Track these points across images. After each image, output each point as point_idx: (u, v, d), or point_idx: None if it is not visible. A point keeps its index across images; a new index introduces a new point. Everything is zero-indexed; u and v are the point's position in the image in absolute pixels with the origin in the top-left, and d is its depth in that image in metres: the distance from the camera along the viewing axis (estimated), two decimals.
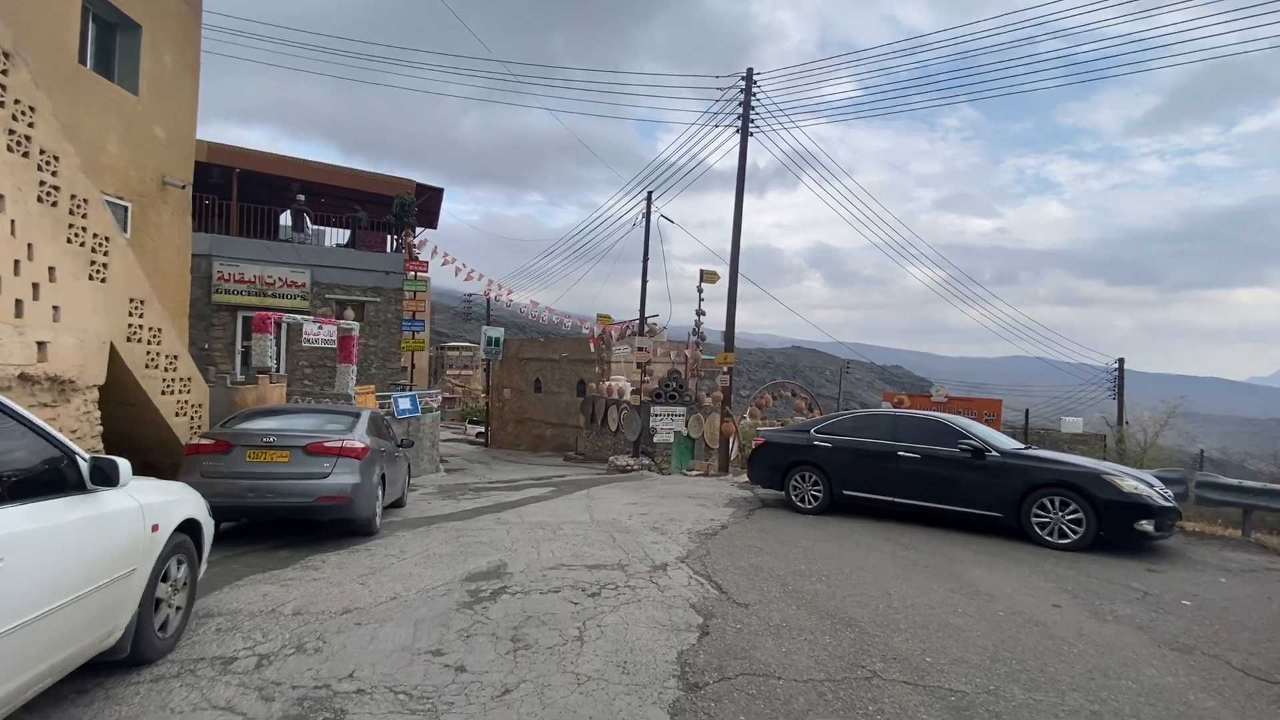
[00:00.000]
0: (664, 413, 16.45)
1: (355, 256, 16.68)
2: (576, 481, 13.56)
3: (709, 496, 10.53)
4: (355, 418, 7.35)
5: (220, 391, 10.07)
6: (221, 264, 15.39)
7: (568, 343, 26.43)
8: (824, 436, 8.87)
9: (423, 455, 15.13)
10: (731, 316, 14.22)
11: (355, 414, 7.48)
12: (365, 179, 16.87)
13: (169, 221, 8.99)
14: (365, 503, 6.61)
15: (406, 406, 14.63)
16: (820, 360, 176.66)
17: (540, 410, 27.79)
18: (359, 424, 7.14)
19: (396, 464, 8.53)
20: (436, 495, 11.40)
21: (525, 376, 28.85)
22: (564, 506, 9.46)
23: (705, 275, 17.07)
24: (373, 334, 16.77)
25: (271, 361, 11.87)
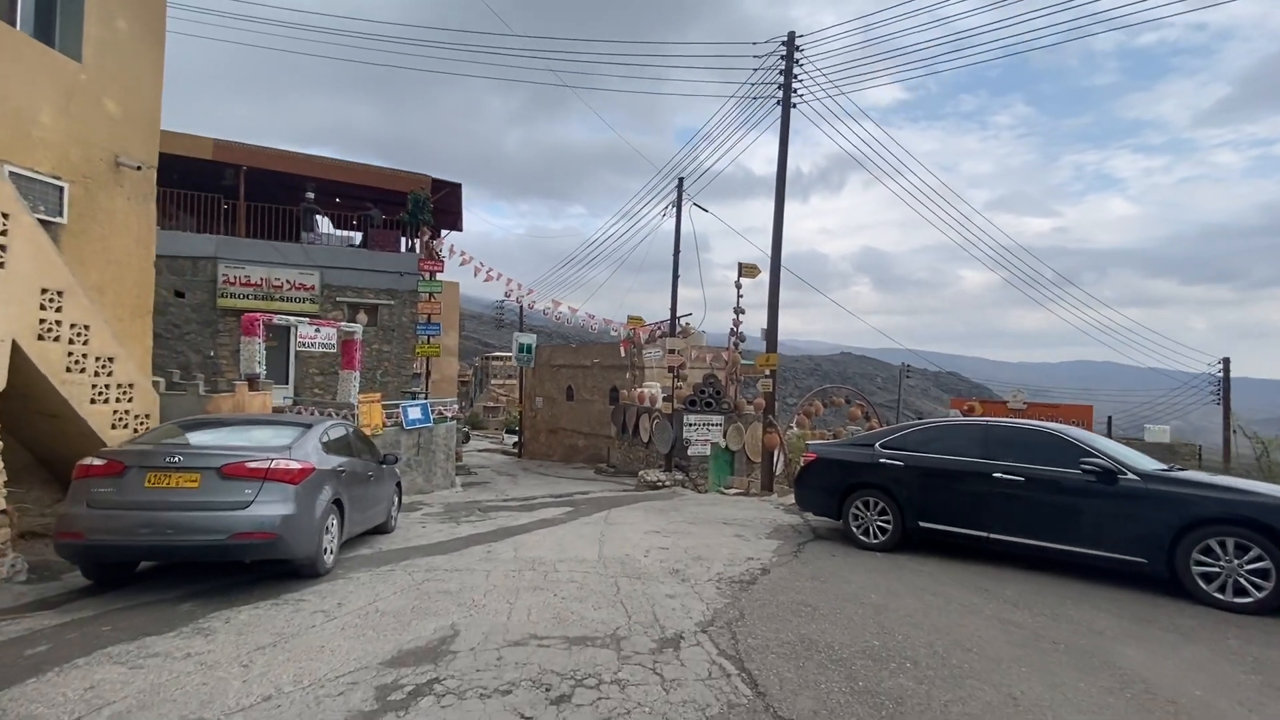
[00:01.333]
0: (699, 422, 14.76)
1: (367, 257, 15.68)
2: (599, 501, 12.01)
3: (748, 523, 8.79)
4: (305, 429, 5.99)
5: (189, 401, 8.96)
6: (227, 267, 14.58)
7: (599, 348, 25.03)
8: (893, 452, 7.05)
9: (436, 469, 13.89)
10: (774, 310, 12.47)
11: (306, 425, 6.13)
12: (378, 175, 15.90)
13: (125, 208, 7.95)
14: (303, 538, 5.21)
15: (416, 416, 13.41)
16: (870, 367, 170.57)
17: (572, 419, 26.45)
18: (306, 438, 5.77)
19: (373, 484, 7.17)
20: (438, 517, 10.04)
21: (557, 384, 27.60)
22: (572, 536, 7.91)
23: (744, 269, 15.35)
24: (386, 339, 15.70)
25: (260, 368, 10.79)
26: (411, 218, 15.69)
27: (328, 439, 6.22)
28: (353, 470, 6.54)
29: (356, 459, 6.84)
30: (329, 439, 6.26)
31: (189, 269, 14.33)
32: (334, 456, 6.15)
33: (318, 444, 5.91)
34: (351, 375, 12.58)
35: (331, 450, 6.22)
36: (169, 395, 8.99)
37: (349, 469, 6.43)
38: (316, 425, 6.19)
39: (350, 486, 6.37)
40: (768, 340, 12.29)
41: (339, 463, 6.17)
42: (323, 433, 6.14)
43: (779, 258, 12.31)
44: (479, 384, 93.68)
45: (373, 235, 15.82)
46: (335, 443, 6.40)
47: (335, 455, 6.23)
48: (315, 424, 6.23)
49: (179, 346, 14.37)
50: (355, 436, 7.27)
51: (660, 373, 18.63)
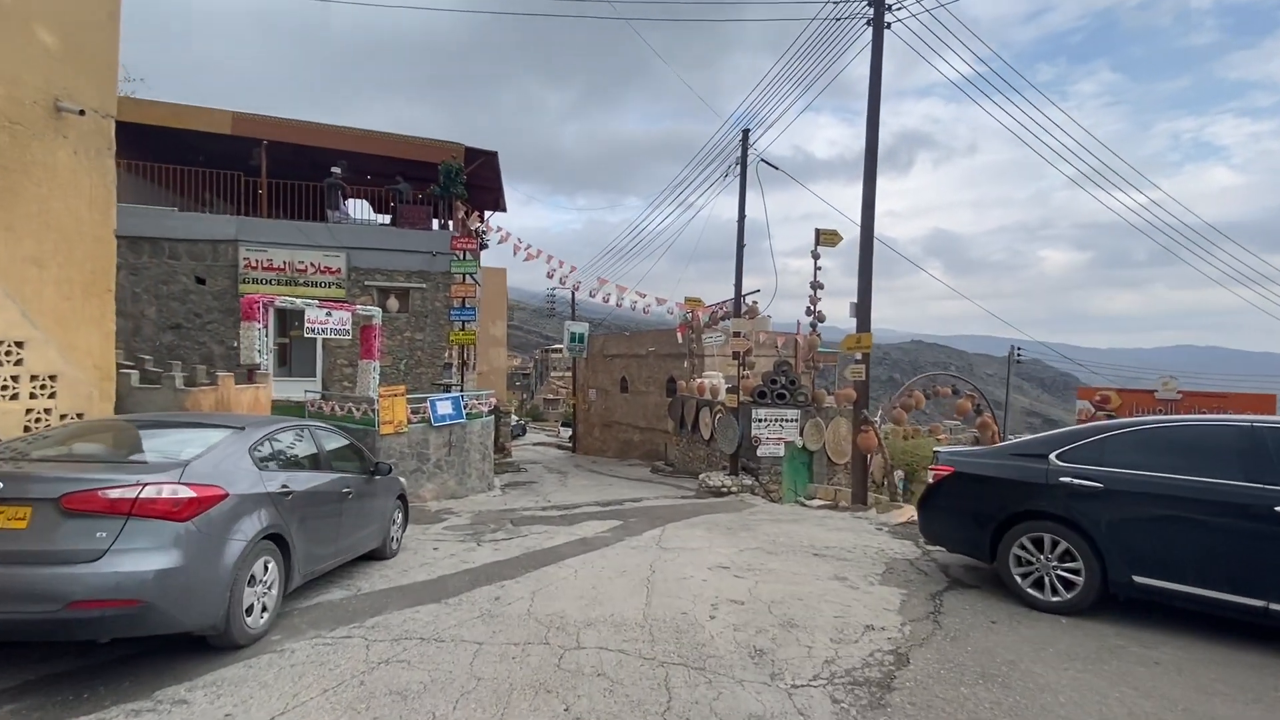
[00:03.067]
0: (770, 417, 12.54)
1: (397, 236, 14.25)
2: (652, 512, 10.06)
3: (848, 554, 6.60)
4: (231, 435, 4.29)
5: (164, 396, 7.58)
6: (249, 250, 13.45)
7: (654, 334, 23.03)
8: (1082, 468, 4.72)
9: (470, 471, 12.31)
10: (866, 277, 10.04)
11: (237, 427, 4.43)
12: (405, 145, 14.45)
13: (71, 164, 6.56)
14: (197, 601, 3.49)
15: (447, 411, 11.84)
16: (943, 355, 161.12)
17: (627, 412, 24.64)
18: (219, 450, 4.06)
19: (353, 504, 5.47)
20: (459, 532, 8.35)
21: (611, 375, 25.83)
22: (613, 570, 5.98)
23: (823, 236, 12.96)
24: (419, 326, 14.25)
25: (260, 357, 9.42)
26: (443, 190, 14.13)
27: (266, 450, 4.50)
28: (313, 490, 4.82)
29: (322, 473, 5.13)
30: (269, 450, 4.55)
31: (209, 253, 13.28)
32: (276, 473, 4.43)
33: (244, 457, 4.18)
34: (370, 365, 11.11)
35: (273, 464, 4.50)
36: (142, 389, 7.65)
37: (307, 489, 4.71)
38: (251, 430, 4.48)
39: (307, 513, 4.65)
40: (858, 315, 9.95)
41: (284, 481, 4.44)
42: (257, 441, 4.42)
43: (872, 214, 9.92)
44: (539, 376, 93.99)
45: (402, 212, 14.39)
46: (280, 454, 4.69)
47: (280, 471, 4.51)
48: (251, 428, 4.51)
49: (201, 337, 13.37)
50: (326, 442, 5.56)
51: (723, 361, 16.46)
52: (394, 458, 11.15)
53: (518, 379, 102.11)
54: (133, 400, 7.51)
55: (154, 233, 12.99)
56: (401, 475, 11.28)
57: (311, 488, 4.81)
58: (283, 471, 4.55)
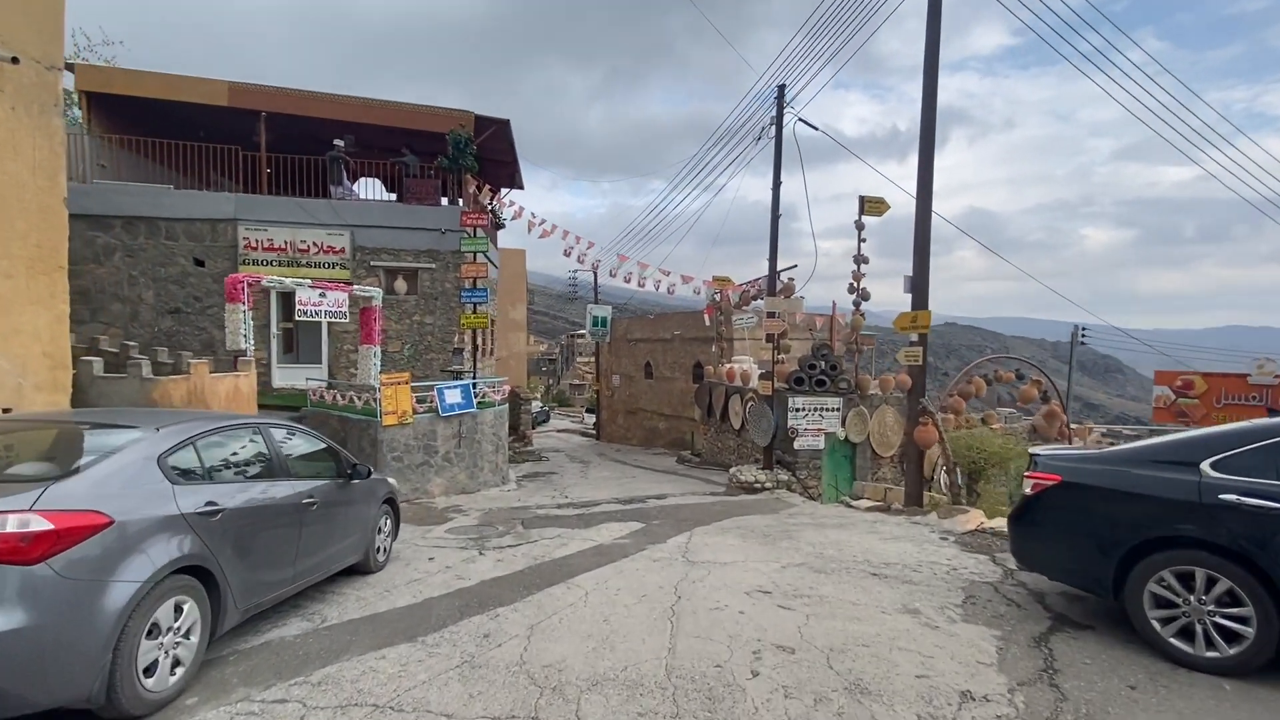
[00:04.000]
0: (808, 406, 11.37)
1: (404, 212, 13.34)
2: (678, 512, 9.05)
3: (916, 574, 5.48)
4: (143, 437, 3.38)
5: (130, 386, 6.78)
6: (248, 229, 12.69)
7: (679, 317, 21.89)
8: (1256, 484, 3.52)
9: (482, 463, 11.45)
10: (923, 244, 8.68)
11: (149, 430, 3.51)
12: (412, 114, 13.47)
13: (7, 121, 5.72)
14: (56, 670, 2.59)
15: (456, 400, 10.96)
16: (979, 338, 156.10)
17: (652, 399, 23.62)
18: (112, 461, 3.14)
19: (318, 519, 4.57)
20: (461, 536, 7.47)
21: (635, 360, 24.81)
22: (631, 595, 4.99)
23: (868, 205, 11.64)
24: (429, 309, 13.38)
25: (246, 342, 8.60)
26: (452, 162, 13.15)
27: (185, 459, 3.57)
28: (257, 505, 3.90)
29: (275, 482, 4.20)
30: (191, 458, 3.62)
31: (208, 233, 12.56)
32: (198, 487, 3.51)
33: (147, 470, 3.26)
34: (371, 351, 10.25)
35: (196, 477, 3.58)
36: (107, 379, 6.86)
37: (246, 504, 3.79)
38: (167, 433, 3.54)
39: (247, 534, 3.74)
40: (914, 291, 8.68)
41: (211, 498, 3.52)
42: (172, 448, 3.49)
43: (930, 171, 8.58)
44: (565, 362, 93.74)
45: (409, 186, 13.46)
46: (209, 463, 3.76)
47: (205, 485, 3.59)
48: (169, 430, 3.58)
49: (201, 322, 12.70)
50: (286, 444, 4.64)
51: (754, 345, 15.28)
52: (398, 451, 10.33)
53: (544, 364, 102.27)
54: (95, 391, 6.74)
55: (150, 212, 12.30)
56: (407, 469, 10.48)
57: (254, 502, 3.88)
58: (210, 485, 3.62)
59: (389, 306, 13.19)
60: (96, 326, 12.06)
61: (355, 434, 10.42)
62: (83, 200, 12.14)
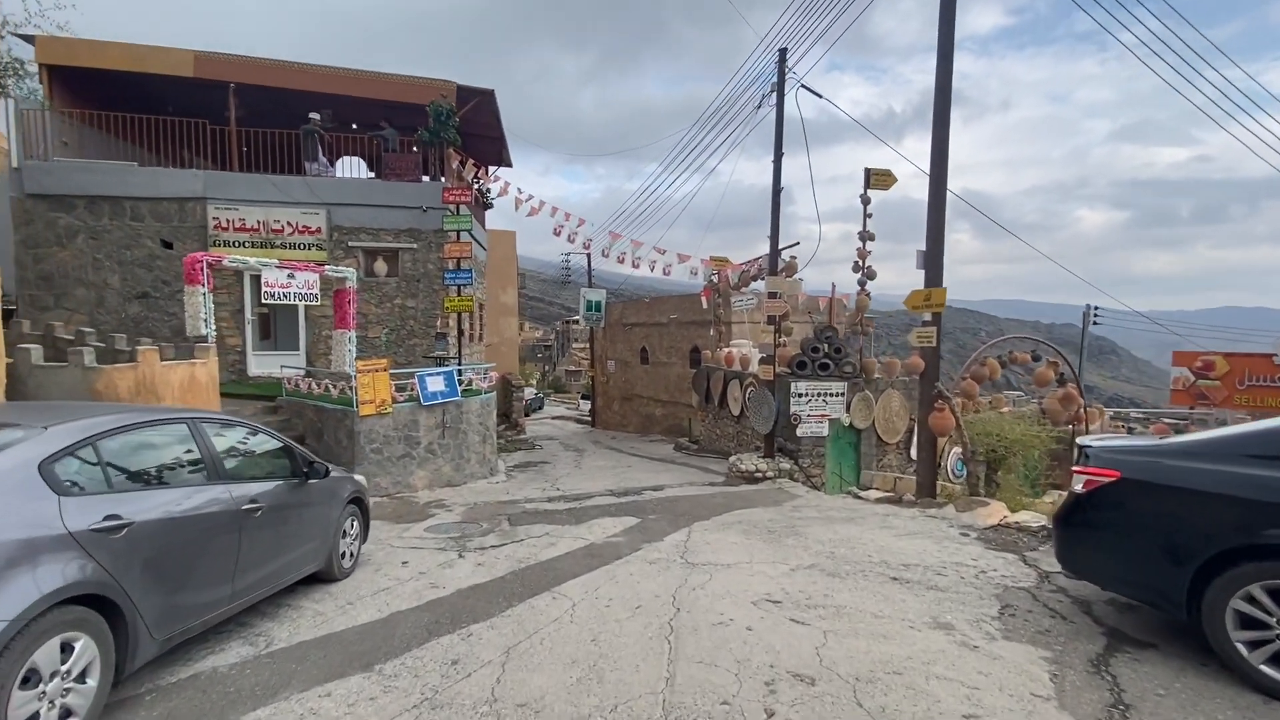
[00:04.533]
0: (812, 391, 10.80)
1: (383, 189, 12.61)
2: (676, 505, 8.50)
3: (941, 577, 4.93)
4: (19, 438, 2.78)
5: (71, 376, 6.15)
6: (218, 208, 11.97)
7: (675, 301, 21.24)
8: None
9: (469, 455, 10.87)
10: (937, 216, 8.00)
11: (31, 428, 2.90)
12: (390, 84, 12.70)
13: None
14: None
15: (438, 389, 10.34)
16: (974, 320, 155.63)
17: (648, 385, 23.04)
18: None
19: (266, 524, 4.02)
20: (441, 535, 6.91)
21: (630, 345, 24.20)
22: (624, 604, 4.44)
23: (874, 177, 10.99)
24: (410, 292, 12.71)
25: (206, 327, 7.96)
26: (433, 136, 12.41)
27: (82, 463, 2.96)
28: (179, 515, 3.31)
29: (204, 487, 3.61)
30: (90, 462, 3.01)
31: (175, 213, 11.83)
32: (97, 498, 2.92)
33: (23, 479, 2.66)
34: (345, 335, 9.61)
35: (96, 484, 2.98)
36: (46, 369, 6.23)
37: (164, 514, 3.20)
38: (57, 431, 2.93)
39: (166, 549, 3.16)
40: (927, 266, 8.05)
41: (114, 509, 2.93)
42: (62, 450, 2.88)
43: (945, 132, 7.90)
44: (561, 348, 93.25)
45: (388, 161, 12.71)
46: (116, 467, 3.15)
47: (108, 494, 2.99)
48: (60, 427, 2.97)
49: (171, 307, 12.02)
50: (225, 440, 4.03)
51: (754, 328, 14.69)
52: (377, 443, 9.73)
53: (539, 351, 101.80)
54: (34, 382, 6.12)
55: (115, 191, 11.57)
56: (388, 462, 9.90)
57: (174, 513, 3.29)
58: (113, 495, 3.01)
59: (369, 289, 12.54)
60: (60, 313, 11.38)
61: (332, 425, 9.82)
62: (43, 179, 11.41)
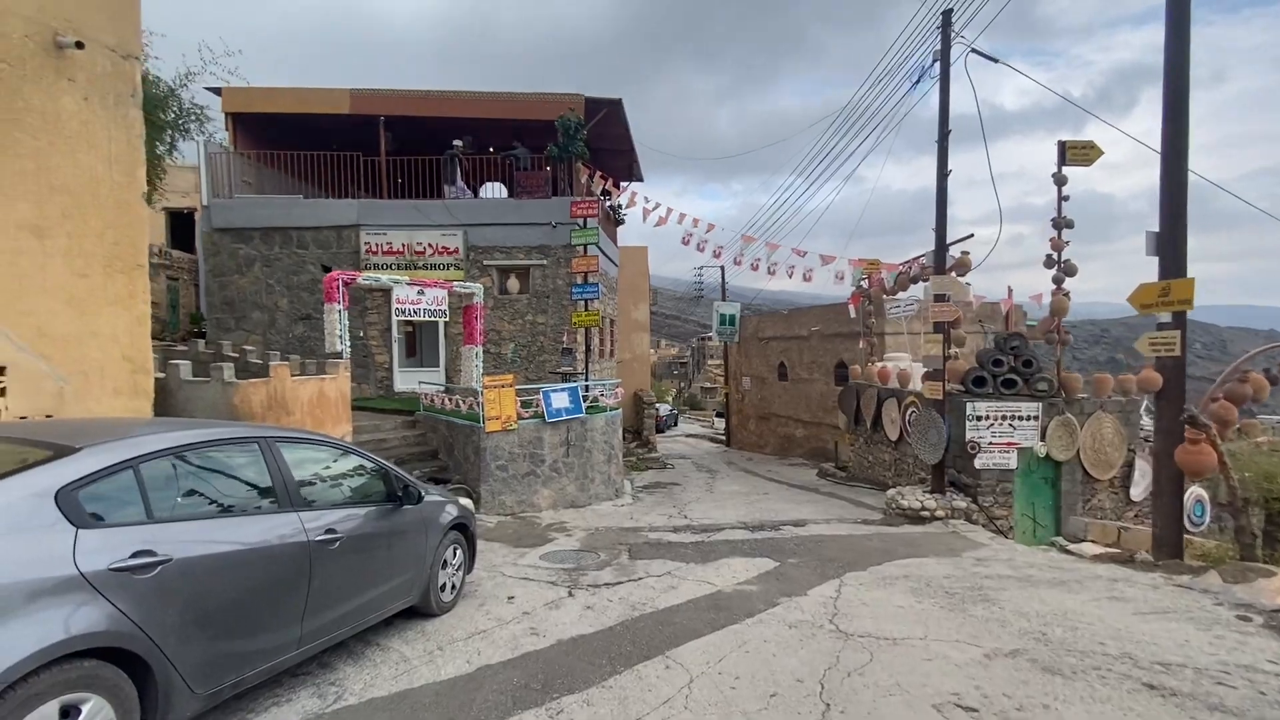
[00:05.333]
0: (994, 413, 8.89)
1: (514, 208, 12.70)
2: (822, 545, 7.20)
3: (1222, 687, 3.29)
4: (39, 461, 2.43)
5: (212, 392, 6.39)
6: (369, 233, 12.74)
7: (817, 311, 19.53)
8: None
9: (593, 474, 10.34)
10: (1178, 183, 6.03)
11: (61, 448, 2.56)
12: (523, 104, 12.83)
13: (79, 112, 5.45)
14: None
15: (563, 405, 9.95)
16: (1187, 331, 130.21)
17: (787, 403, 21.43)
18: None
19: (349, 554, 3.59)
20: (552, 568, 6.30)
21: (766, 360, 22.76)
22: (754, 687, 3.42)
23: (1070, 152, 8.94)
24: (540, 308, 12.61)
25: (341, 344, 8.12)
26: (562, 150, 12.28)
27: (116, 488, 2.58)
28: (236, 550, 2.87)
29: (273, 515, 3.18)
30: (126, 487, 2.62)
31: (334, 240, 12.77)
32: (129, 530, 2.51)
33: (27, 507, 2.27)
34: (473, 351, 9.53)
35: (129, 515, 2.58)
36: (194, 385, 6.54)
37: (213, 549, 2.77)
38: (92, 453, 2.58)
39: (215, 589, 2.72)
40: (1162, 252, 6.06)
41: (148, 543, 2.51)
42: (91, 475, 2.51)
43: (1184, 80, 5.91)
44: (696, 364, 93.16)
45: (519, 180, 12.81)
46: (158, 494, 2.74)
47: (141, 526, 2.58)
48: (96, 448, 2.62)
49: None
50: (302, 463, 3.63)
51: (912, 340, 12.83)
52: (503, 460, 9.49)
53: (675, 368, 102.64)
54: (183, 395, 6.45)
55: (283, 222, 12.75)
56: (513, 480, 9.62)
57: (224, 544, 2.84)
58: (148, 526, 2.60)
59: (501, 307, 12.62)
60: (239, 335, 12.69)
61: (461, 440, 9.78)
62: (228, 214, 12.90)
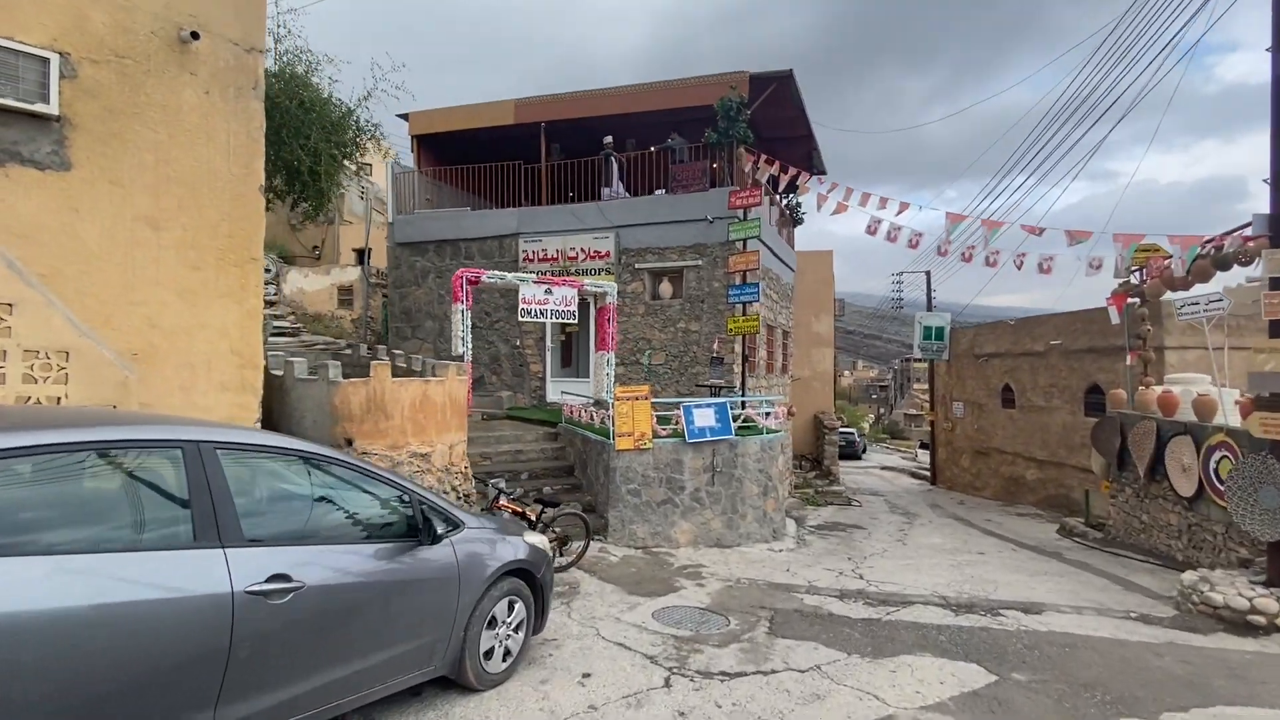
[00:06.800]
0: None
1: (668, 205, 11.55)
2: (1069, 658, 4.67)
3: None
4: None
5: (318, 390, 6.07)
6: (526, 241, 12.56)
7: (1059, 320, 15.31)
8: None
9: (745, 509, 8.62)
10: None
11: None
12: (681, 90, 11.69)
13: (199, 105, 5.43)
14: None
15: (706, 424, 8.43)
16: None
17: (1013, 436, 17.22)
18: None
19: (310, 615, 2.53)
20: (661, 633, 4.84)
21: (985, 383, 18.66)
22: None
23: None
24: (694, 314, 11.24)
25: (462, 346, 7.56)
26: (721, 135, 10.87)
27: None
28: (56, 608, 1.91)
29: (177, 553, 2.21)
30: None
31: (496, 250, 12.83)
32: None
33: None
34: (604, 358, 8.46)
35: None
36: (305, 383, 6.32)
37: (20, 609, 1.82)
38: None
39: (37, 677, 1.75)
40: None
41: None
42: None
43: None
44: (899, 388, 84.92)
45: (674, 173, 11.65)
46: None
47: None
48: None
49: (490, 336, 12.99)
50: (249, 477, 2.66)
51: (1215, 356, 9.05)
52: (635, 483, 8.23)
53: (873, 391, 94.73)
54: (296, 394, 6.28)
55: (453, 234, 13.15)
56: (646, 507, 8.29)
57: (66, 600, 1.89)
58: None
59: (653, 313, 11.52)
60: (414, 343, 13.31)
61: (593, 457, 8.75)
62: (407, 230, 13.71)
